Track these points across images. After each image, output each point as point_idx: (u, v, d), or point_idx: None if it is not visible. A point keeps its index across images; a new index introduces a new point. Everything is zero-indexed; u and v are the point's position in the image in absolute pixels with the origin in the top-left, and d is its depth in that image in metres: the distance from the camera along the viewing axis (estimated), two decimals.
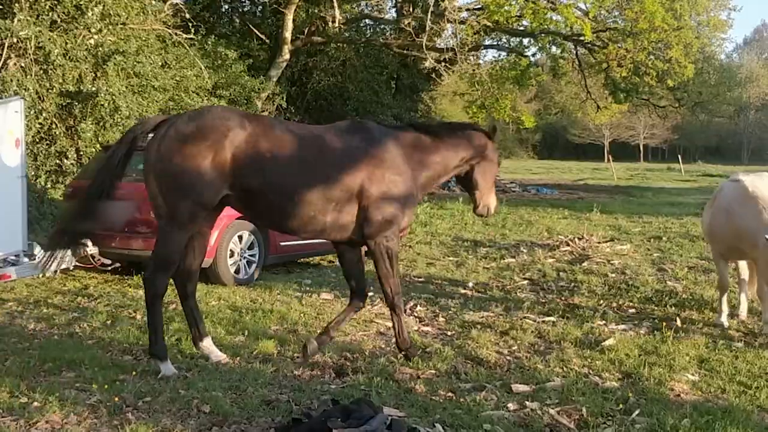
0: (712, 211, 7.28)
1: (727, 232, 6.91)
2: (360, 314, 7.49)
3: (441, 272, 10.03)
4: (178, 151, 5.36)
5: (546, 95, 69.53)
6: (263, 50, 26.14)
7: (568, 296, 8.42)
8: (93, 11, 13.63)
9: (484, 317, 7.41)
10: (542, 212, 18.24)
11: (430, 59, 21.93)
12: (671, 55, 19.95)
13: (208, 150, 5.33)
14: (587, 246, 11.89)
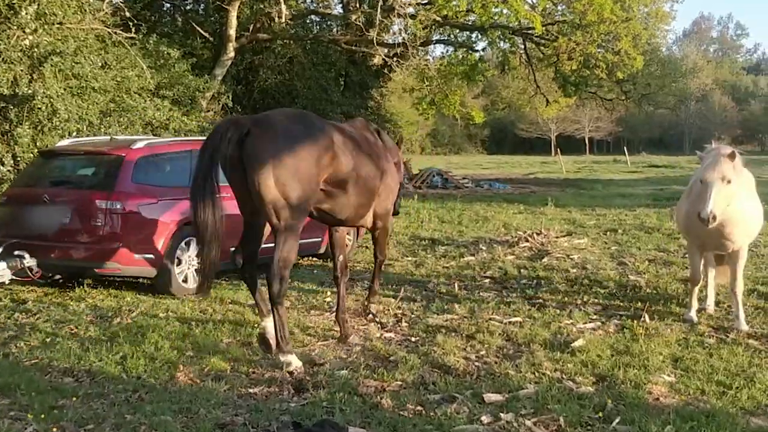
0: (689, 202, 6.90)
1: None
2: (319, 321, 7.16)
3: (401, 273, 9.71)
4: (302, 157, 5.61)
5: (493, 91, 70.16)
6: (207, 49, 25.52)
7: (532, 294, 8.17)
8: (27, 11, 12.94)
9: (448, 320, 7.11)
10: (497, 208, 18.08)
11: (380, 55, 21.64)
12: (620, 47, 20.00)
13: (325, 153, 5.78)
14: (546, 241, 11.70)
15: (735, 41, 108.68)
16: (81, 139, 10.62)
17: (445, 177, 28.42)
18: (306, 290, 8.66)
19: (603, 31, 19.32)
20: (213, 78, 21.62)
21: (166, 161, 9.26)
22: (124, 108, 15.77)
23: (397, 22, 25.97)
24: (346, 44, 23.08)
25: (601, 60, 20.48)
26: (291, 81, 25.24)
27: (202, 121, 19.41)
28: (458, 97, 28.39)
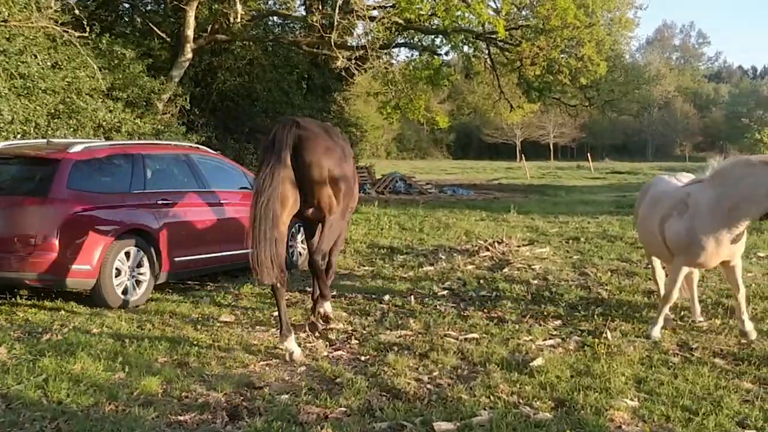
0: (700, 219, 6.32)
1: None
2: (263, 339, 6.72)
3: (355, 285, 9.28)
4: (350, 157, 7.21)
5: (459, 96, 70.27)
6: (165, 50, 24.82)
7: (491, 308, 7.81)
8: None
9: (401, 336, 6.71)
10: (459, 214, 17.76)
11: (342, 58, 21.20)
12: (584, 53, 19.82)
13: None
14: (507, 250, 11.39)
15: (697, 49, 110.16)
16: (16, 142, 10.03)
17: (409, 182, 28.10)
18: (252, 306, 8.19)
19: (566, 37, 19.12)
20: (170, 79, 20.99)
21: (106, 166, 8.72)
22: (74, 110, 15.19)
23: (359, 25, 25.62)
24: (308, 46, 22.59)
25: (564, 65, 20.29)
26: (251, 83, 24.67)
27: (157, 124, 18.82)
28: (423, 101, 28.06)
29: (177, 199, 8.91)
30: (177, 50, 22.11)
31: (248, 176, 10.24)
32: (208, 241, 9.11)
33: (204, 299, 8.49)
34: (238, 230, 9.48)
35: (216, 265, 9.42)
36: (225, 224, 9.36)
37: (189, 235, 8.91)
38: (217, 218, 9.31)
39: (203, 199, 9.28)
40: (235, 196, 9.73)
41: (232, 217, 9.50)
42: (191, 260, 8.97)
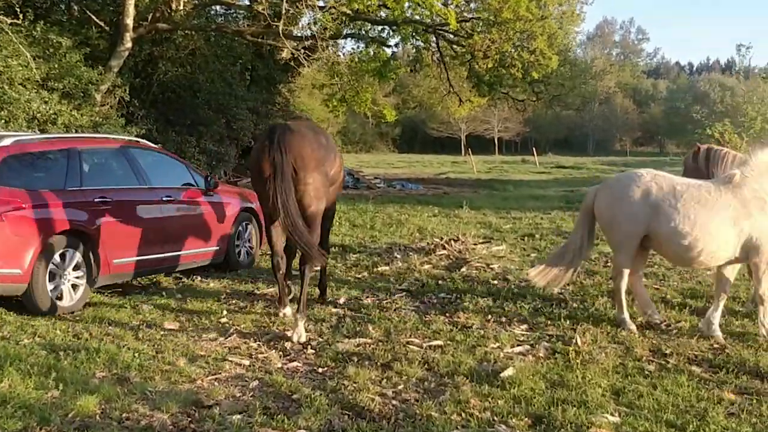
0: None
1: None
2: (210, 349, 6.21)
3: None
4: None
5: (404, 89, 70.22)
6: (103, 39, 23.80)
7: (453, 311, 7.43)
8: None
9: (361, 345, 6.28)
10: (411, 210, 17.41)
11: (288, 48, 20.58)
12: (536, 46, 19.63)
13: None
14: (463, 248, 11.06)
15: (636, 45, 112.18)
16: None
17: (357, 177, 27.66)
18: (198, 311, 7.65)
19: (519, 29, 18.87)
20: (109, 70, 20.07)
21: (39, 161, 8.05)
22: (5, 101, 14.35)
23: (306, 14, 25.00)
24: (252, 36, 21.88)
25: (516, 59, 20.07)
26: (193, 74, 23.84)
27: (95, 116, 17.96)
28: (369, 94, 27.64)
29: (116, 196, 8.28)
30: (116, 39, 21.17)
31: (193, 171, 9.67)
32: (151, 242, 8.50)
33: (146, 304, 7.91)
34: (182, 230, 8.95)
35: (159, 267, 8.82)
36: (168, 224, 8.77)
37: (129, 236, 8.29)
38: (159, 217, 8.70)
39: (144, 196, 8.64)
40: (179, 193, 9.14)
41: (175, 216, 8.91)
42: (132, 262, 8.35)
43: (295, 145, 6.68)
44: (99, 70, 18.78)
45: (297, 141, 6.75)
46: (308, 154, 6.81)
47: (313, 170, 6.86)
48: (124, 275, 8.43)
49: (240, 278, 9.44)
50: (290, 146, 6.62)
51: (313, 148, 6.95)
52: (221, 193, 9.82)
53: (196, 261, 9.33)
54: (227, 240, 9.73)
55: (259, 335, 6.64)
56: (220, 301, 8.07)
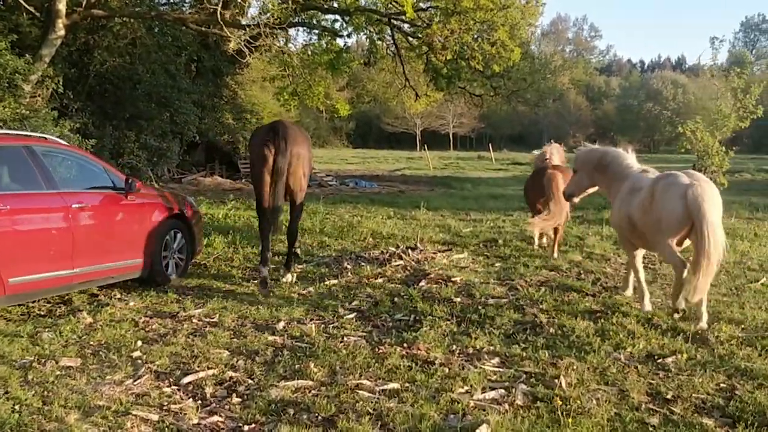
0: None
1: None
2: (113, 396, 5.01)
3: (240, 308, 7.60)
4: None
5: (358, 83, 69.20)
6: (35, 26, 22.16)
7: (411, 339, 6.31)
8: None
9: (299, 390, 5.13)
10: (364, 211, 16.31)
11: (235, 38, 19.24)
12: (497, 37, 18.61)
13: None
14: (422, 258, 9.99)
15: (589, 42, 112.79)
16: None
17: None
18: (110, 340, 6.40)
19: (479, 19, 17.82)
20: (39, 59, 18.52)
21: None
22: None
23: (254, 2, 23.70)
24: (194, 24, 20.45)
25: (477, 51, 19.03)
26: (133, 65, 22.32)
27: (20, 109, 16.44)
28: (322, 88, 26.48)
29: (15, 203, 6.97)
30: (48, 26, 19.61)
31: (113, 174, 8.37)
32: (58, 257, 7.21)
33: (49, 331, 6.64)
34: (96, 241, 7.67)
35: (68, 285, 7.51)
36: (80, 234, 7.45)
37: (31, 250, 7.00)
38: (68, 227, 7.39)
39: (51, 203, 7.33)
40: (94, 199, 7.86)
41: (89, 225, 7.61)
42: (33, 281, 7.03)
43: (292, 138, 8.58)
44: (26, 59, 17.26)
45: (294, 136, 8.64)
46: (302, 148, 8.78)
47: (303, 156, 8.79)
48: (24, 296, 7.10)
49: (166, 295, 8.20)
50: (291, 139, 8.55)
51: (305, 144, 8.92)
52: (145, 198, 8.55)
53: (114, 276, 8.06)
54: (152, 251, 8.47)
55: (176, 375, 5.45)
56: (137, 327, 6.85)
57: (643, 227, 7.06)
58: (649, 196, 6.90)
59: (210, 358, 5.82)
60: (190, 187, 23.62)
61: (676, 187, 6.65)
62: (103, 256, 7.78)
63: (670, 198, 6.64)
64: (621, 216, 7.47)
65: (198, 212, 9.81)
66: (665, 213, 6.67)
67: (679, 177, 6.77)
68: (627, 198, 7.37)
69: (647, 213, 6.91)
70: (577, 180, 8.45)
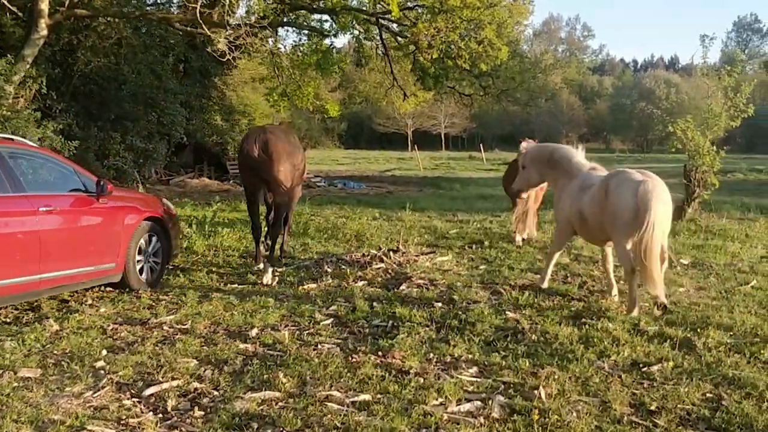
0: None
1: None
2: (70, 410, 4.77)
3: (215, 313, 7.35)
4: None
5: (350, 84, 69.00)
6: (19, 26, 21.86)
7: (387, 347, 6.08)
8: None
9: (266, 402, 4.90)
10: (350, 212, 16.08)
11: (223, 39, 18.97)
12: (484, 36, 18.38)
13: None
14: (404, 260, 9.75)
15: (582, 42, 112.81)
16: None
17: None
18: (75, 348, 6.15)
19: (466, 17, 17.58)
20: (21, 59, 18.22)
21: None
22: None
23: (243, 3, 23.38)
24: (180, 23, 20.16)
25: (463, 49, 18.79)
26: (118, 65, 22.01)
27: (2, 110, 16.16)
28: (312, 88, 26.27)
29: None
30: (30, 26, 19.31)
31: (84, 176, 8.10)
32: (23, 262, 6.94)
33: (12, 339, 6.38)
34: (66, 246, 7.41)
35: (36, 291, 7.24)
36: (48, 239, 7.18)
37: None
38: (36, 231, 7.11)
39: (17, 206, 7.05)
40: (63, 202, 7.60)
41: (57, 229, 7.36)
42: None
43: (272, 142, 9.01)
44: (7, 59, 16.96)
45: (273, 139, 9.08)
46: (280, 149, 9.10)
47: (285, 161, 9.14)
48: None
49: (139, 301, 7.96)
50: (268, 143, 8.97)
51: (284, 144, 9.28)
52: (118, 201, 8.28)
53: (85, 282, 7.80)
54: (125, 255, 8.22)
55: (138, 387, 5.21)
56: (105, 335, 6.59)
57: (597, 223, 7.31)
58: (602, 192, 7.13)
59: (176, 368, 5.57)
60: (177, 189, 23.35)
61: (628, 183, 6.93)
62: (72, 261, 7.52)
63: (622, 193, 6.90)
64: (572, 211, 7.71)
65: (175, 215, 9.55)
66: (619, 208, 6.89)
67: (631, 174, 7.10)
68: (578, 194, 7.62)
69: (602, 209, 7.13)
70: (525, 176, 8.74)
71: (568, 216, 7.81)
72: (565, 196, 7.86)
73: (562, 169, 8.06)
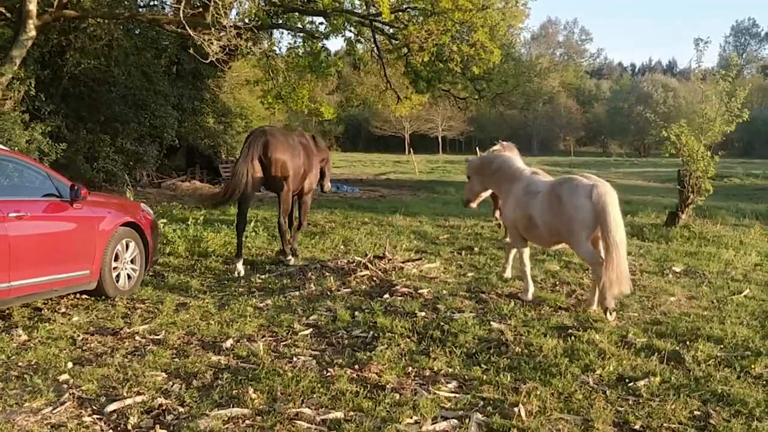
0: None
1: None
2: (26, 427, 4.54)
3: (190, 323, 7.13)
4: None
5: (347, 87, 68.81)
6: (9, 27, 21.63)
7: (365, 360, 5.85)
8: None
9: (232, 419, 4.67)
10: (340, 216, 15.85)
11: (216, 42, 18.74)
12: (476, 38, 18.15)
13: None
14: (390, 268, 9.52)
15: (579, 46, 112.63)
16: None
17: None
18: (40, 359, 5.92)
19: (458, 20, 17.35)
20: (9, 60, 18.00)
21: None
22: None
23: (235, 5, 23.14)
24: (169, 25, 19.92)
25: (455, 52, 18.57)
26: (108, 67, 21.75)
27: None
28: (306, 91, 26.01)
29: None
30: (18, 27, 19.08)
31: (58, 181, 7.86)
32: None
33: None
34: (37, 252, 7.18)
35: (4, 299, 6.97)
36: (17, 245, 6.94)
37: None
38: (5, 237, 6.87)
39: None
40: (35, 207, 7.36)
41: (27, 235, 7.11)
42: None
43: (271, 144, 9.80)
44: None
45: (272, 140, 9.83)
46: (283, 154, 9.94)
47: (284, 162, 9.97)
48: None
49: (114, 309, 7.73)
50: (266, 145, 9.77)
51: (285, 147, 10.05)
52: (93, 206, 8.04)
53: (58, 290, 7.56)
54: (101, 262, 7.99)
55: (101, 402, 4.98)
56: (74, 345, 6.37)
57: (549, 228, 7.54)
58: (555, 199, 7.37)
59: (142, 382, 5.34)
60: (168, 192, 23.10)
61: (581, 188, 7.20)
62: (44, 268, 7.29)
63: (578, 199, 7.15)
64: (518, 215, 7.96)
65: (153, 220, 9.31)
66: (577, 212, 7.14)
67: (581, 179, 7.37)
68: (524, 199, 7.88)
69: (556, 215, 7.37)
70: (470, 186, 9.25)
71: (514, 219, 8.10)
72: (511, 199, 8.15)
73: (504, 175, 8.41)
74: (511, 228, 8.42)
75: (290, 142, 10.24)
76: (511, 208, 8.13)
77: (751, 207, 18.72)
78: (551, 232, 7.57)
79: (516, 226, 8.13)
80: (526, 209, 7.77)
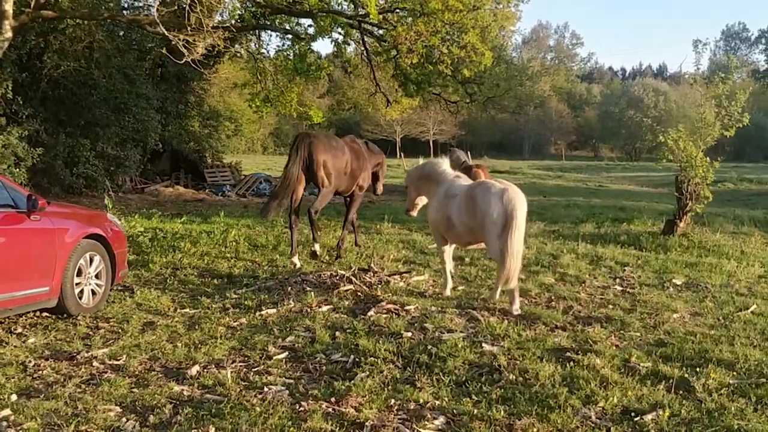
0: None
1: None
2: None
3: (155, 345, 6.54)
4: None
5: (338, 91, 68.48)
6: None
7: (343, 392, 5.28)
8: None
9: None
10: (327, 223, 15.32)
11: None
12: (467, 40, 17.61)
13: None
14: (375, 281, 8.97)
15: (570, 50, 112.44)
16: None
17: (274, 183, 25.42)
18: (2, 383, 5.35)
19: (448, 21, 16.81)
20: None
21: None
22: None
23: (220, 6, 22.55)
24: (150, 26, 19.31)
25: (445, 54, 18.03)
26: (89, 69, 21.11)
27: None
28: (295, 94, 25.44)
29: None
30: None
31: (14, 191, 7.27)
32: None
33: None
34: None
35: None
36: None
37: None
38: None
39: None
40: None
41: None
42: None
43: (314, 145, 10.72)
44: None
45: (315, 142, 10.79)
46: (325, 155, 10.82)
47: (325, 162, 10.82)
48: None
49: (76, 329, 7.15)
50: (310, 146, 10.69)
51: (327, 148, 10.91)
52: (53, 217, 7.46)
53: (12, 309, 6.96)
54: (62, 278, 7.40)
55: None
56: (25, 372, 5.79)
57: (465, 228, 8.00)
58: (470, 201, 7.84)
59: (92, 419, 4.77)
60: (150, 198, 22.48)
61: (494, 191, 7.68)
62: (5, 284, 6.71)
63: (490, 201, 7.61)
64: (439, 216, 8.39)
65: (121, 232, 8.73)
66: (489, 213, 7.57)
67: (494, 184, 7.91)
68: (444, 201, 8.32)
69: (471, 216, 7.82)
70: (408, 195, 9.70)
71: (435, 220, 8.50)
72: (434, 201, 8.60)
73: (432, 179, 8.82)
74: (433, 229, 8.83)
75: (333, 144, 11.15)
76: (434, 210, 8.58)
77: (748, 213, 18.26)
78: (467, 231, 8.02)
79: (438, 227, 8.53)
80: (446, 210, 8.22)
